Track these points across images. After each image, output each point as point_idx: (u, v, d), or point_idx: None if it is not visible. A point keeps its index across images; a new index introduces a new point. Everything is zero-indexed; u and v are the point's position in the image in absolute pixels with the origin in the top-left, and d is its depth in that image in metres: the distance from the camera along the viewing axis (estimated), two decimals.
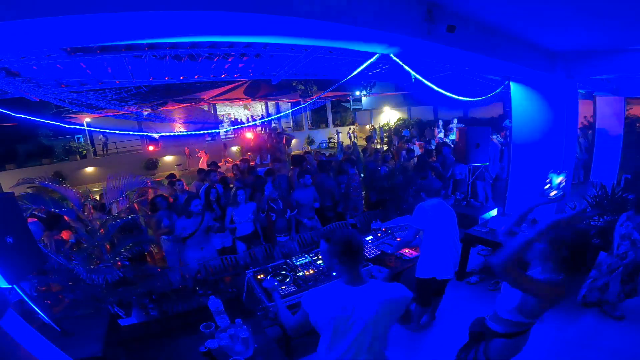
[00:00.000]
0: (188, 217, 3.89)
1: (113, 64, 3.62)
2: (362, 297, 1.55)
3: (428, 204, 3.04)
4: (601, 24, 3.06)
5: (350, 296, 1.56)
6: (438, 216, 2.99)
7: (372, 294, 1.57)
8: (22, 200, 2.75)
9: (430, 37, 2.64)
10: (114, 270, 2.76)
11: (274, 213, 4.36)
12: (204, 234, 4.04)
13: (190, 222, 3.89)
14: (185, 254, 3.99)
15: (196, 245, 3.99)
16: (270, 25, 2.16)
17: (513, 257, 1.57)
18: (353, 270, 1.61)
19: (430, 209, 3.00)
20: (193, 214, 3.88)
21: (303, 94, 13.20)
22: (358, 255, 1.61)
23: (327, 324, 1.55)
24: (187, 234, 3.89)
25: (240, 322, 2.27)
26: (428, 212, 2.99)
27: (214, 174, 5.28)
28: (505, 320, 1.81)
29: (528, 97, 4.82)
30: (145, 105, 7.79)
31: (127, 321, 2.89)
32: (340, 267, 1.61)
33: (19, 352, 0.85)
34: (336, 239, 1.62)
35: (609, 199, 4.46)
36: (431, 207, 3.01)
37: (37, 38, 1.85)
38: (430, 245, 2.99)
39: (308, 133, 19.17)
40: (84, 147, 14.01)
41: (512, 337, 1.81)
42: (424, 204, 3.06)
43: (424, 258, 3.05)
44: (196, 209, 3.88)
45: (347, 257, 1.59)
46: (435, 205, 3.02)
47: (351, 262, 1.60)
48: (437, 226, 2.97)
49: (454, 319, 3.41)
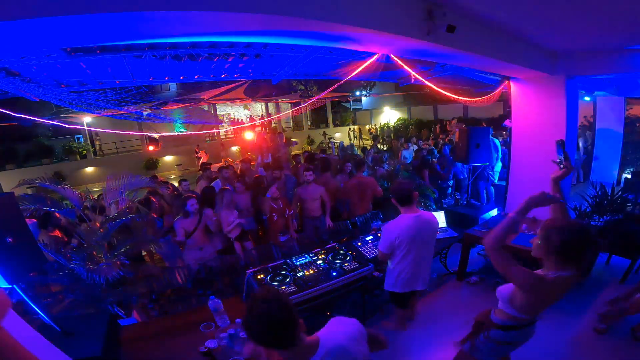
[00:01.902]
0: (185, 217, 3.88)
1: (113, 64, 3.62)
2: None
3: (393, 226, 2.68)
4: (601, 24, 3.06)
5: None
6: (405, 238, 2.64)
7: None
8: (22, 200, 2.75)
9: (430, 37, 2.64)
10: (114, 269, 2.76)
11: (275, 213, 4.36)
12: (202, 233, 4.04)
13: (188, 222, 3.88)
14: (185, 254, 3.99)
15: (195, 245, 3.99)
16: (270, 25, 2.16)
17: (499, 237, 1.68)
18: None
19: (395, 233, 2.65)
20: (190, 214, 3.86)
21: (303, 94, 13.19)
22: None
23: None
24: (187, 235, 3.89)
25: (240, 322, 2.26)
26: (393, 237, 2.66)
27: (225, 171, 5.40)
28: (501, 311, 1.86)
29: (528, 97, 4.83)
30: (145, 105, 7.79)
31: (127, 321, 2.88)
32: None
33: (19, 352, 0.85)
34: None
35: (608, 199, 4.46)
36: (396, 229, 2.65)
37: (37, 38, 1.85)
38: (396, 262, 2.78)
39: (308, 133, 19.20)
40: (84, 147, 14.01)
41: (507, 329, 1.84)
42: (389, 226, 2.70)
43: (390, 273, 2.87)
44: (192, 208, 3.86)
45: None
46: (401, 225, 2.65)
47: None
48: (404, 247, 2.68)
49: (454, 319, 3.41)
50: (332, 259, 3.33)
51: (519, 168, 5.15)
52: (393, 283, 2.88)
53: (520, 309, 1.76)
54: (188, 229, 3.91)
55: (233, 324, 2.34)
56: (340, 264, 3.24)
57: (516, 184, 5.16)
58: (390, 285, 2.92)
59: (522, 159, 5.08)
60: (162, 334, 2.45)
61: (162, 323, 2.82)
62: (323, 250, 3.50)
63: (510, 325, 1.83)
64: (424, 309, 3.63)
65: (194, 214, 3.92)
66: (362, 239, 3.83)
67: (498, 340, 1.88)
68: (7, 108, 3.25)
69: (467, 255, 4.14)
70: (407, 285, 2.85)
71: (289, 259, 3.39)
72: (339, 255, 3.39)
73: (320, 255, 3.41)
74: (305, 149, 15.41)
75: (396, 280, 2.85)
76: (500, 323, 1.86)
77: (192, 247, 3.99)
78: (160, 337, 2.43)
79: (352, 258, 3.35)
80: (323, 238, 4.37)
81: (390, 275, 2.89)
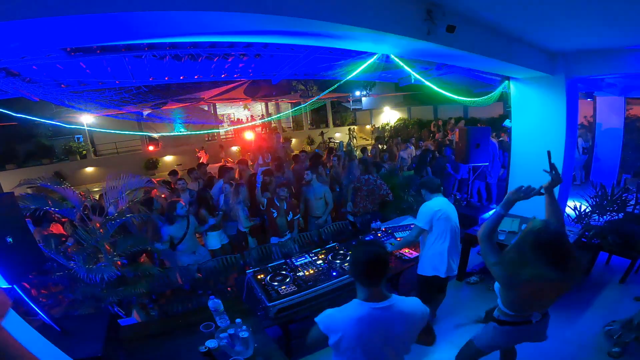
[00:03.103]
0: (171, 224, 3.77)
1: (113, 64, 3.61)
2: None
3: (432, 203, 3.01)
4: (601, 24, 3.06)
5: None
6: (443, 214, 2.95)
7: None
8: (22, 200, 2.75)
9: (430, 37, 2.64)
10: (113, 269, 2.76)
11: (275, 210, 4.35)
12: (193, 237, 3.99)
13: (174, 229, 3.80)
14: (179, 259, 3.92)
15: (188, 250, 3.93)
16: (270, 25, 2.16)
17: (489, 228, 1.89)
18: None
19: (435, 208, 2.96)
20: (178, 218, 3.79)
21: (303, 94, 13.20)
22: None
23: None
24: (176, 241, 3.83)
25: (240, 322, 2.27)
26: (433, 211, 2.95)
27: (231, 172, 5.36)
28: (497, 306, 1.99)
29: (528, 97, 4.83)
30: (145, 105, 7.78)
31: (127, 321, 2.88)
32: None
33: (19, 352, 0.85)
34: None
35: (608, 199, 4.46)
36: (436, 206, 2.97)
37: (37, 38, 1.85)
38: (435, 243, 2.98)
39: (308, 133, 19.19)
40: (84, 147, 14.00)
41: (502, 324, 1.95)
42: (428, 204, 3.02)
43: (428, 256, 3.04)
44: (181, 212, 3.77)
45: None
46: (439, 204, 2.99)
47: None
48: (442, 224, 2.95)
49: (454, 319, 3.42)
50: (332, 259, 3.33)
51: (519, 168, 5.16)
52: (435, 265, 2.98)
53: (505, 304, 1.90)
54: (176, 236, 3.82)
55: (233, 324, 2.34)
56: (340, 264, 3.24)
57: (516, 183, 5.16)
58: (428, 269, 3.02)
59: (522, 159, 5.08)
60: (162, 334, 2.45)
61: (162, 323, 2.82)
62: (323, 250, 3.51)
63: (503, 320, 1.94)
64: None
65: (182, 218, 3.83)
66: (362, 239, 3.82)
67: (495, 333, 1.99)
68: (7, 108, 3.25)
69: (467, 255, 4.14)
70: (448, 270, 2.98)
71: (289, 259, 3.39)
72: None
73: (320, 255, 3.41)
74: (305, 149, 15.42)
75: (439, 262, 2.95)
76: (496, 317, 1.98)
77: (185, 252, 3.92)
78: (160, 337, 2.43)
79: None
80: (323, 238, 4.37)
81: (430, 258, 3.00)
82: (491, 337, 2.02)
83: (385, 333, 1.47)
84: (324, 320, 1.51)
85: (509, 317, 1.91)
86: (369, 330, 1.46)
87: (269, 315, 2.71)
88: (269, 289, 2.91)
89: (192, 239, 3.98)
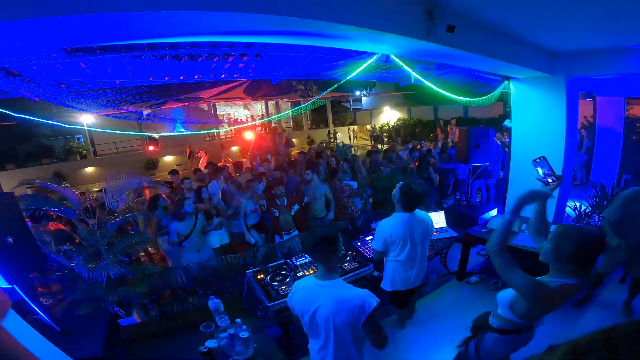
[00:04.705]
0: (179, 221, 3.82)
1: (113, 64, 3.62)
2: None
3: (386, 225, 2.72)
4: (601, 24, 3.06)
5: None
6: (398, 236, 2.67)
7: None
8: (22, 200, 2.75)
9: (430, 37, 2.64)
10: (117, 266, 2.76)
11: (276, 209, 4.35)
12: (199, 235, 4.02)
13: (183, 225, 3.84)
14: (183, 257, 3.96)
15: (193, 248, 3.97)
16: (270, 25, 2.16)
17: (499, 241, 1.64)
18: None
19: (387, 232, 2.69)
20: (187, 215, 3.83)
21: (303, 94, 13.20)
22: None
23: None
24: (182, 238, 3.86)
25: (240, 322, 2.27)
26: (387, 234, 2.69)
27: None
28: (500, 316, 1.83)
29: (528, 97, 4.83)
30: (145, 105, 7.79)
31: (127, 321, 2.88)
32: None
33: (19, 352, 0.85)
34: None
35: (609, 199, 4.46)
36: (388, 228, 2.70)
37: (37, 38, 1.85)
38: (390, 257, 2.80)
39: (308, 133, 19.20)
40: (83, 147, 14.00)
41: (504, 333, 1.81)
42: (382, 224, 2.75)
43: (386, 272, 2.89)
44: (189, 209, 3.83)
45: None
46: (392, 225, 2.70)
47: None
48: (396, 242, 2.70)
49: (454, 319, 3.41)
50: None
51: (519, 168, 5.15)
52: (389, 283, 2.88)
53: (520, 315, 1.73)
54: (183, 232, 3.87)
55: (233, 324, 2.34)
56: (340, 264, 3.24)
57: (516, 183, 5.17)
58: (387, 284, 2.91)
59: (522, 159, 5.07)
60: (162, 334, 2.45)
61: (162, 323, 2.82)
62: None
63: (508, 329, 1.80)
64: (424, 308, 3.63)
65: (190, 215, 3.89)
66: (362, 239, 3.83)
67: (495, 344, 1.86)
68: (7, 108, 3.25)
69: (467, 255, 4.14)
70: (402, 284, 2.85)
71: (289, 259, 3.39)
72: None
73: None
74: (305, 149, 15.42)
75: (392, 279, 2.85)
76: (498, 327, 1.84)
77: (190, 250, 3.96)
78: (160, 337, 2.43)
79: (352, 258, 3.35)
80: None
81: (386, 274, 2.89)
82: (490, 348, 1.88)
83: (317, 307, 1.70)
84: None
85: (515, 325, 1.77)
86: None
87: (269, 315, 2.71)
88: (269, 289, 2.91)
89: (198, 237, 4.01)
